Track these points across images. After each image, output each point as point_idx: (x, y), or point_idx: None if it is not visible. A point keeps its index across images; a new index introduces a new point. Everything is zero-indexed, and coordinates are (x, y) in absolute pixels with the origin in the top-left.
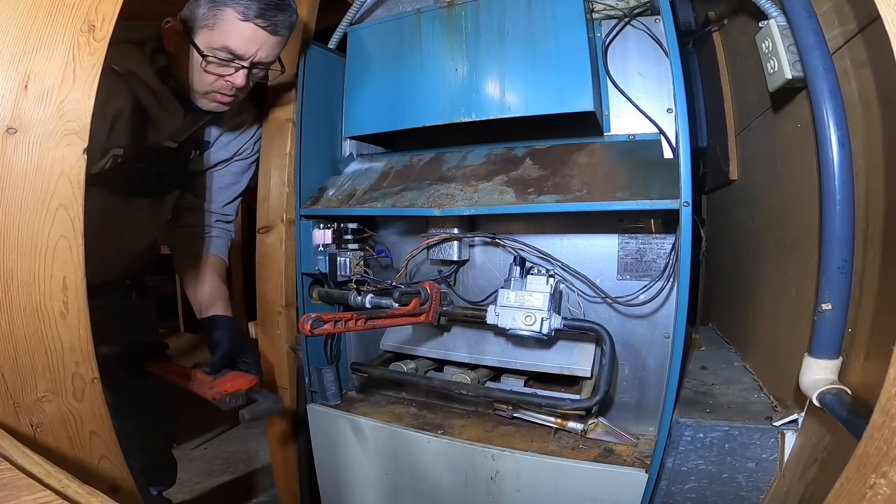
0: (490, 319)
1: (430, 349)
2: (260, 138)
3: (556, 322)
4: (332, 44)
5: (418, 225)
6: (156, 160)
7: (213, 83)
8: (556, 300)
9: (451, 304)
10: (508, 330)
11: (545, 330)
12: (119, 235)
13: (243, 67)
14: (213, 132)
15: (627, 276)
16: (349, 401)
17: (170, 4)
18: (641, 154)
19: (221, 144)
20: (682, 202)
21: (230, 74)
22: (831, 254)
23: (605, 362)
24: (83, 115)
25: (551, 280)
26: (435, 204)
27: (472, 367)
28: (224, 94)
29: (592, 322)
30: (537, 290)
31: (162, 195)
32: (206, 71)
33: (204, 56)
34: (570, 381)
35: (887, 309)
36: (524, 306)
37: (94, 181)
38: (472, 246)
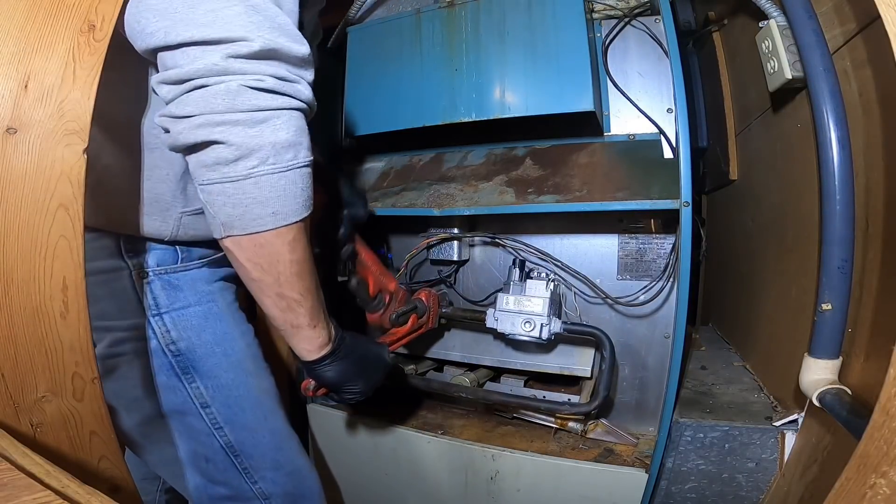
0: (489, 324)
1: (430, 350)
2: None
3: (556, 326)
4: (331, 44)
5: (418, 225)
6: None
7: None
8: (555, 304)
9: (451, 304)
10: (508, 335)
11: (545, 335)
12: None
13: None
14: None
15: (627, 277)
16: None
17: None
18: (641, 154)
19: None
20: (682, 202)
21: None
22: (831, 254)
23: (604, 367)
24: (83, 115)
25: (551, 284)
26: (435, 204)
27: (472, 367)
28: None
29: (592, 326)
30: (537, 296)
31: None
32: None
33: None
34: (571, 381)
35: (887, 309)
36: (524, 312)
37: None
38: (472, 246)
